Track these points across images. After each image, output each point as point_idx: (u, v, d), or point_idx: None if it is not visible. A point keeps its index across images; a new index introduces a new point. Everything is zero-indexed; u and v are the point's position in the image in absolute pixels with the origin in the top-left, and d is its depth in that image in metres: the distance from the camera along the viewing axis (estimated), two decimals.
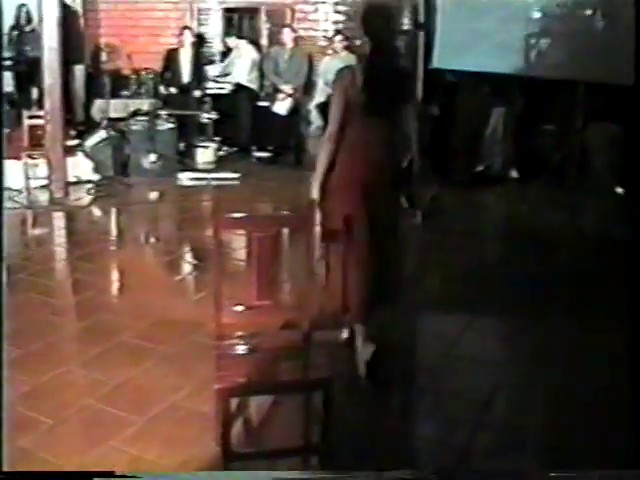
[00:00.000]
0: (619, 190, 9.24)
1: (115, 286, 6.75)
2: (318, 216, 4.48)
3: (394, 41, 5.05)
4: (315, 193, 4.79)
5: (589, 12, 8.69)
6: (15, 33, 12.30)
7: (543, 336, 5.51)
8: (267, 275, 3.62)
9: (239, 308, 3.69)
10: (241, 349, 3.70)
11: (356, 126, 4.76)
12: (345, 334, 5.13)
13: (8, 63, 11.92)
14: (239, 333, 3.82)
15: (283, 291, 3.84)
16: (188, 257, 7.08)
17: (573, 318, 5.80)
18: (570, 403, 4.50)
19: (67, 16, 10.98)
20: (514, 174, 10.74)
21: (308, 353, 3.73)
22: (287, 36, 11.85)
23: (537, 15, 9.19)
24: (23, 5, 12.19)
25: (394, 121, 4.85)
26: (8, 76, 12.15)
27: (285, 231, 4.27)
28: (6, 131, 10.39)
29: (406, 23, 11.32)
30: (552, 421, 4.41)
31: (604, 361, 4.98)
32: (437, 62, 9.43)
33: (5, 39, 12.15)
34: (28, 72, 11.32)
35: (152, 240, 8.01)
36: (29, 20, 12.26)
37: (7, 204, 8.78)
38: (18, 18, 12.46)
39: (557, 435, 4.23)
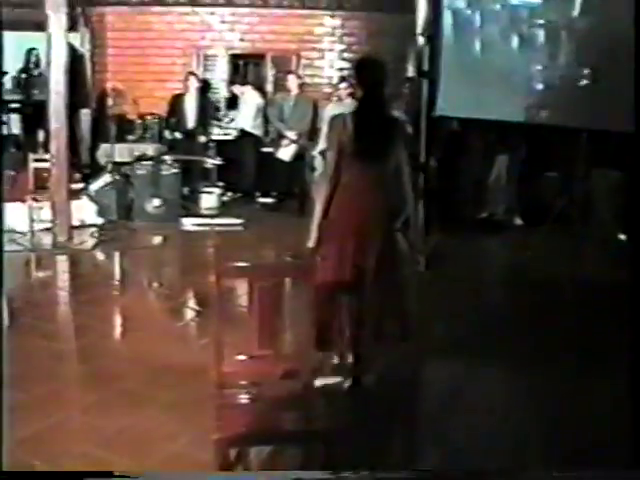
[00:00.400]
0: (622, 237, 9.24)
1: (117, 331, 6.75)
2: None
3: (384, 92, 5.23)
4: (313, 239, 5.04)
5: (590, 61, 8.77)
6: (23, 76, 12.38)
7: (544, 383, 5.48)
8: (269, 324, 3.62)
9: (240, 357, 3.69)
10: (242, 398, 3.70)
11: (350, 171, 4.98)
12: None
13: (16, 106, 12.01)
14: (240, 382, 3.82)
15: (285, 340, 3.82)
16: (190, 303, 7.07)
17: (575, 366, 5.80)
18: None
19: (74, 60, 11.09)
20: (518, 221, 10.77)
21: (309, 403, 3.72)
22: (292, 83, 11.95)
23: (539, 65, 9.24)
24: (33, 49, 12.29)
25: (386, 166, 5.03)
26: (15, 118, 12.23)
27: (287, 280, 4.29)
28: (12, 173, 10.45)
29: (410, 70, 11.43)
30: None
31: (607, 407, 4.96)
32: (440, 110, 9.45)
33: (14, 82, 12.25)
34: (35, 115, 11.37)
35: (155, 285, 8.00)
36: (38, 64, 12.35)
37: (11, 246, 8.83)
38: (28, 62, 12.55)
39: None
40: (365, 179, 4.99)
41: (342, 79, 12.43)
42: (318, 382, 4.39)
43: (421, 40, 9.20)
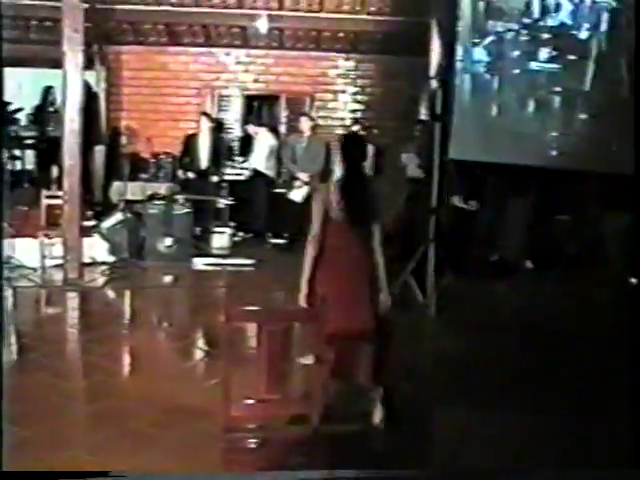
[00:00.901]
0: (633, 280, 9.19)
1: (125, 370, 6.71)
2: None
3: (364, 166, 5.82)
4: (303, 297, 5.45)
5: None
6: (39, 113, 12.46)
7: (557, 430, 5.42)
8: (277, 369, 3.60)
9: (248, 401, 3.67)
10: (249, 442, 3.67)
11: (333, 232, 5.40)
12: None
13: (31, 142, 12.07)
14: (248, 426, 3.79)
15: (293, 385, 3.80)
16: (200, 343, 7.03)
17: (588, 413, 5.74)
18: None
19: (90, 98, 11.17)
20: (529, 264, 10.72)
21: (316, 448, 3.68)
22: (305, 124, 11.93)
23: (552, 108, 9.29)
24: (51, 87, 12.38)
25: (366, 231, 5.46)
26: (30, 154, 12.29)
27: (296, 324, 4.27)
28: (24, 209, 10.49)
29: (423, 113, 11.45)
30: None
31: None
32: (453, 153, 9.46)
33: (30, 118, 12.34)
34: (49, 151, 11.43)
35: (165, 324, 7.98)
36: (54, 101, 12.43)
37: (22, 282, 8.84)
38: (44, 99, 12.64)
39: None
40: (348, 239, 5.42)
41: (355, 121, 12.50)
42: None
43: (434, 83, 9.22)
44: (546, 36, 9.23)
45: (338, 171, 5.66)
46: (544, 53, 9.16)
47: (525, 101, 9.24)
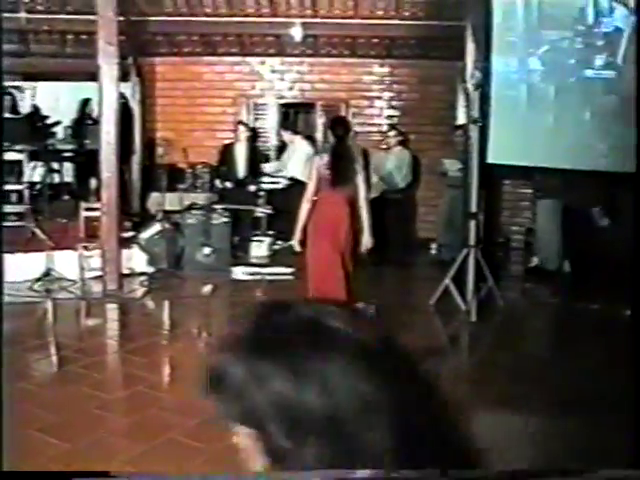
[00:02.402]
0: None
1: (165, 381, 6.68)
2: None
3: (348, 140, 7.61)
4: (297, 242, 7.36)
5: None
6: (77, 126, 12.51)
7: (601, 433, 5.31)
8: None
9: None
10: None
11: (323, 192, 7.28)
12: None
13: (69, 155, 12.12)
14: None
15: None
16: None
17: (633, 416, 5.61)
18: None
19: (126, 110, 11.19)
20: (567, 268, 10.59)
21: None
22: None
23: (584, 112, 9.19)
24: (88, 100, 12.43)
25: (349, 190, 7.26)
26: (69, 167, 12.35)
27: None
28: (63, 221, 10.54)
29: (460, 118, 11.36)
30: None
31: None
32: (492, 157, 9.38)
33: (68, 132, 12.40)
34: (87, 164, 11.47)
35: (204, 335, 7.94)
36: (91, 114, 12.48)
37: (61, 294, 8.87)
38: (82, 112, 12.70)
39: None
40: (334, 197, 7.24)
41: (391, 127, 12.40)
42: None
43: (470, 87, 9.12)
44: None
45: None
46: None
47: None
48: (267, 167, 12.40)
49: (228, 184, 11.76)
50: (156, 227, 10.48)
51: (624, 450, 4.41)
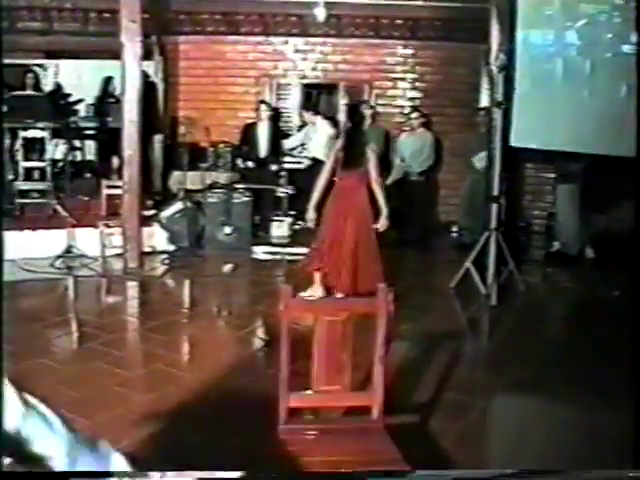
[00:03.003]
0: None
1: (184, 359, 6.68)
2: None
3: (362, 126, 8.73)
4: (311, 214, 7.85)
5: None
6: (99, 104, 12.51)
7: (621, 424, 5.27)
8: (337, 360, 3.53)
9: (307, 392, 3.59)
10: (308, 433, 3.59)
11: (340, 174, 7.71)
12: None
13: (91, 132, 12.13)
14: (307, 417, 3.72)
15: (352, 376, 3.71)
16: (259, 333, 6.96)
17: None
18: None
19: (148, 88, 11.17)
20: (590, 253, 10.54)
21: (375, 439, 3.59)
22: (365, 112, 11.84)
23: (610, 96, 9.10)
24: (110, 77, 12.42)
25: (362, 172, 7.67)
26: (91, 145, 12.36)
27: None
28: (85, 199, 10.56)
29: (484, 100, 11.30)
30: None
31: None
32: (514, 140, 9.34)
33: (90, 109, 12.40)
34: (109, 142, 11.47)
35: (224, 313, 7.94)
36: (113, 92, 12.48)
37: (82, 271, 8.90)
38: (104, 90, 12.70)
39: None
40: (349, 179, 7.67)
41: (414, 109, 12.35)
42: None
43: (494, 70, 9.06)
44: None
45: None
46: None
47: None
48: (288, 142, 12.35)
49: (250, 163, 11.73)
50: (177, 206, 10.49)
51: None
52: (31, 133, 10.54)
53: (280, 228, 11.07)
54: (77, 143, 12.15)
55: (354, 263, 7.63)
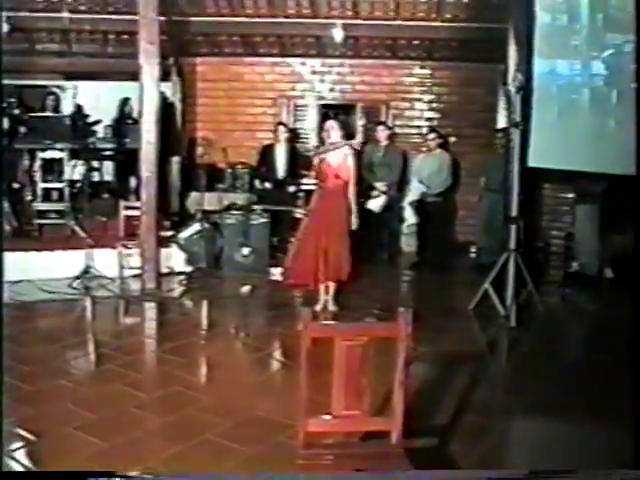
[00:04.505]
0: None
1: (202, 381, 6.65)
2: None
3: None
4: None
5: None
6: (117, 125, 12.56)
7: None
8: (356, 385, 3.49)
9: (326, 417, 3.56)
10: (325, 458, 3.55)
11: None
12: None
13: (109, 153, 12.17)
14: (325, 442, 3.68)
15: (371, 401, 3.68)
16: (277, 355, 6.93)
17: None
18: None
19: (166, 109, 11.21)
20: (609, 273, 10.47)
21: (394, 464, 3.56)
22: (382, 133, 11.86)
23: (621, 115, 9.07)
24: (127, 99, 12.49)
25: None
26: (109, 166, 12.40)
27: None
28: (103, 219, 10.58)
29: (501, 121, 11.26)
30: None
31: None
32: (532, 161, 9.30)
33: (108, 130, 12.44)
34: (127, 163, 11.51)
35: (242, 335, 7.92)
36: (131, 113, 12.53)
37: (100, 292, 8.91)
38: (122, 111, 12.76)
39: None
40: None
41: (431, 129, 12.34)
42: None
43: (512, 90, 9.04)
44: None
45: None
46: None
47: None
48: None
49: (267, 185, 11.73)
50: (195, 227, 10.50)
51: None
52: (50, 154, 10.59)
53: None
54: (95, 164, 12.17)
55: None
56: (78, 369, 6.68)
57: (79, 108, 12.66)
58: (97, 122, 12.35)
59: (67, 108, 12.75)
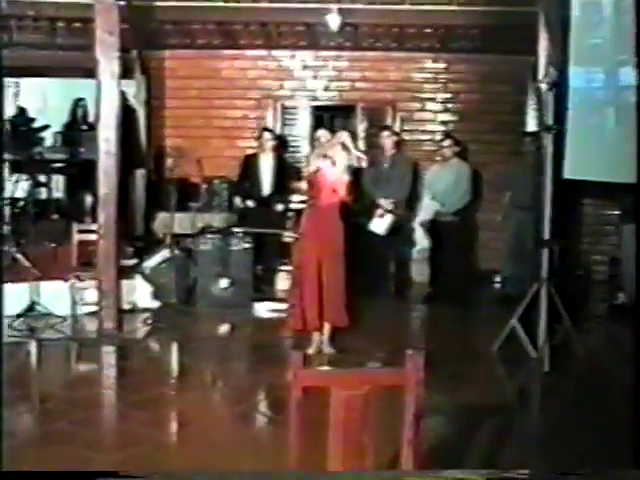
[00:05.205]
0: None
1: (173, 440, 6.67)
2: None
3: None
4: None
5: None
6: (68, 132, 12.57)
7: None
8: (356, 443, 3.52)
9: None
10: None
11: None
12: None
13: (59, 165, 12.16)
14: None
15: (374, 462, 3.69)
16: (262, 408, 6.95)
17: None
18: None
19: (128, 113, 11.26)
20: None
21: None
22: (387, 140, 11.82)
23: None
24: (81, 100, 12.52)
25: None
26: (59, 180, 12.39)
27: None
28: (52, 246, 10.58)
29: (531, 124, 11.32)
30: None
31: None
32: (569, 172, 9.34)
33: (58, 138, 12.44)
34: (81, 177, 11.52)
35: (220, 385, 7.94)
36: (85, 117, 12.56)
37: (48, 333, 8.91)
38: (74, 114, 12.75)
39: None
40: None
41: (446, 135, 12.37)
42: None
43: (544, 87, 9.08)
44: None
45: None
46: None
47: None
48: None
49: (250, 203, 11.77)
50: (163, 254, 10.55)
51: None
52: None
53: (287, 280, 11.07)
54: (42, 178, 12.17)
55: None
56: (21, 428, 6.65)
57: (22, 111, 12.69)
58: (44, 128, 12.39)
59: (7, 110, 12.78)
